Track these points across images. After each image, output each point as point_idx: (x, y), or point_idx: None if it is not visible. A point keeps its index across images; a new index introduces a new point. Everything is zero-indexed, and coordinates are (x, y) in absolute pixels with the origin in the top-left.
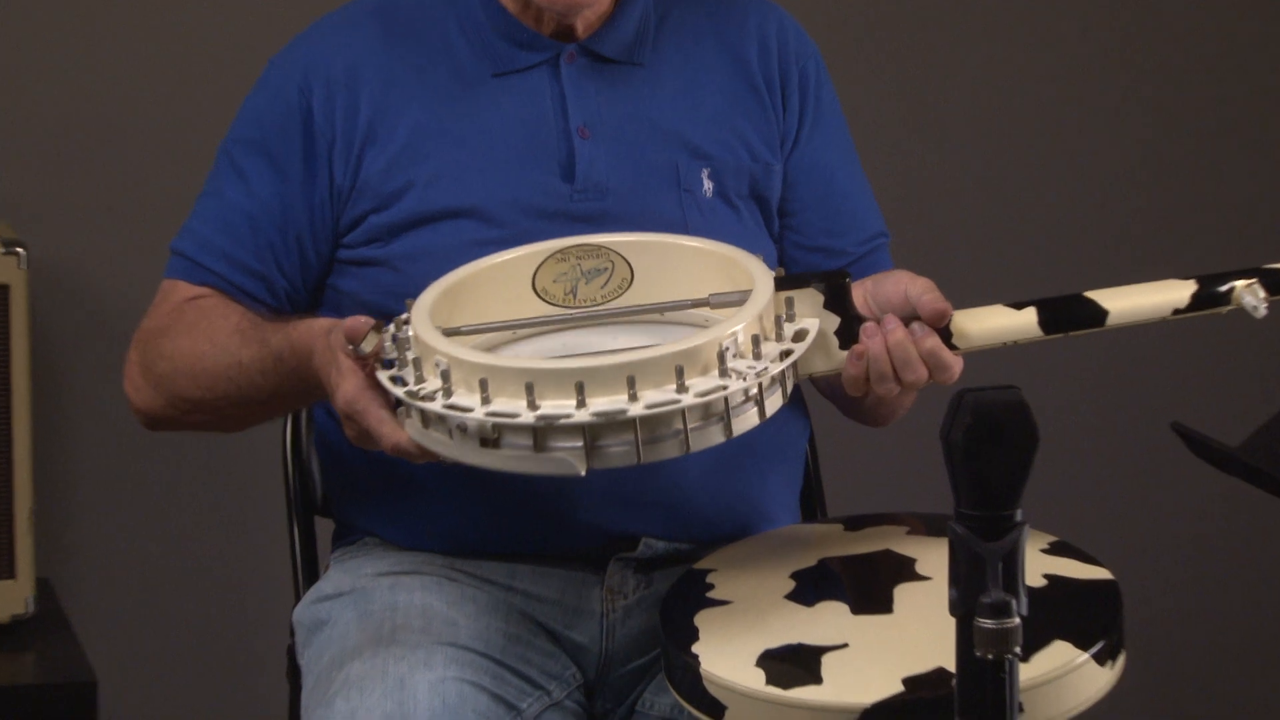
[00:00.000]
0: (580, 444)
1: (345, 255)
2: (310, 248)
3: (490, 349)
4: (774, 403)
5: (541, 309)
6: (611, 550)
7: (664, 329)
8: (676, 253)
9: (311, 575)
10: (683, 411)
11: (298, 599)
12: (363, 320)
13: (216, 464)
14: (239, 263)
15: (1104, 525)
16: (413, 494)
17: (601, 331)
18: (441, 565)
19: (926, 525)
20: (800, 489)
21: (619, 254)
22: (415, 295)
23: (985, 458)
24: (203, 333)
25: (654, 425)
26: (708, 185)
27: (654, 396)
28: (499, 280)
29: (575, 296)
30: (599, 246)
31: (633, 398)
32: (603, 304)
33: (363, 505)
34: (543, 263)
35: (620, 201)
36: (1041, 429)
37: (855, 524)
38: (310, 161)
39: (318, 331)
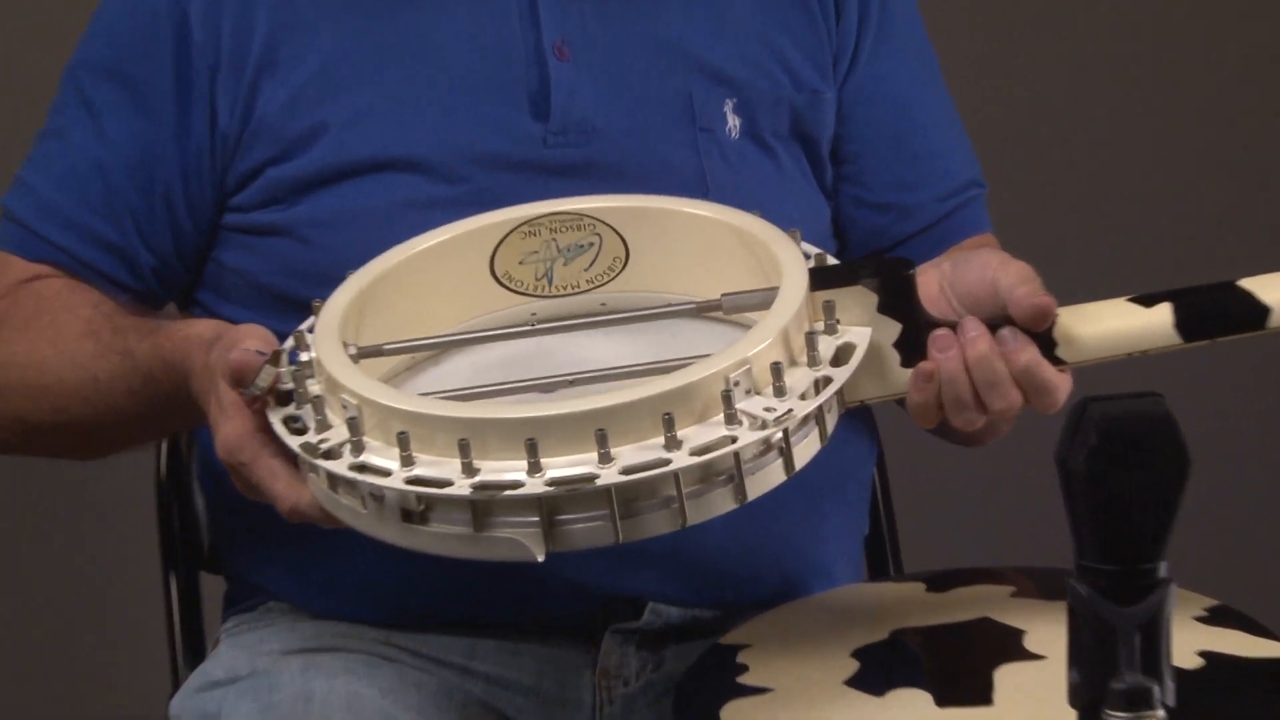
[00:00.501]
0: (536, 520)
1: (234, 221)
2: (184, 210)
3: (420, 367)
4: (806, 450)
5: (502, 300)
6: (607, 619)
7: (679, 329)
8: (685, 224)
9: (196, 653)
10: (674, 476)
11: (176, 686)
12: (252, 354)
13: (66, 500)
14: (89, 232)
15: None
16: (334, 542)
17: (585, 336)
18: (373, 640)
19: (1037, 584)
20: (865, 533)
21: (608, 225)
22: (329, 275)
23: (1118, 490)
24: (43, 332)
25: (635, 495)
26: (733, 122)
27: (634, 456)
28: (444, 262)
29: (550, 283)
30: (581, 215)
31: (605, 458)
32: (587, 290)
33: (265, 557)
34: (506, 237)
35: (611, 147)
36: (1192, 452)
37: (941, 583)
38: (184, 93)
39: (195, 343)
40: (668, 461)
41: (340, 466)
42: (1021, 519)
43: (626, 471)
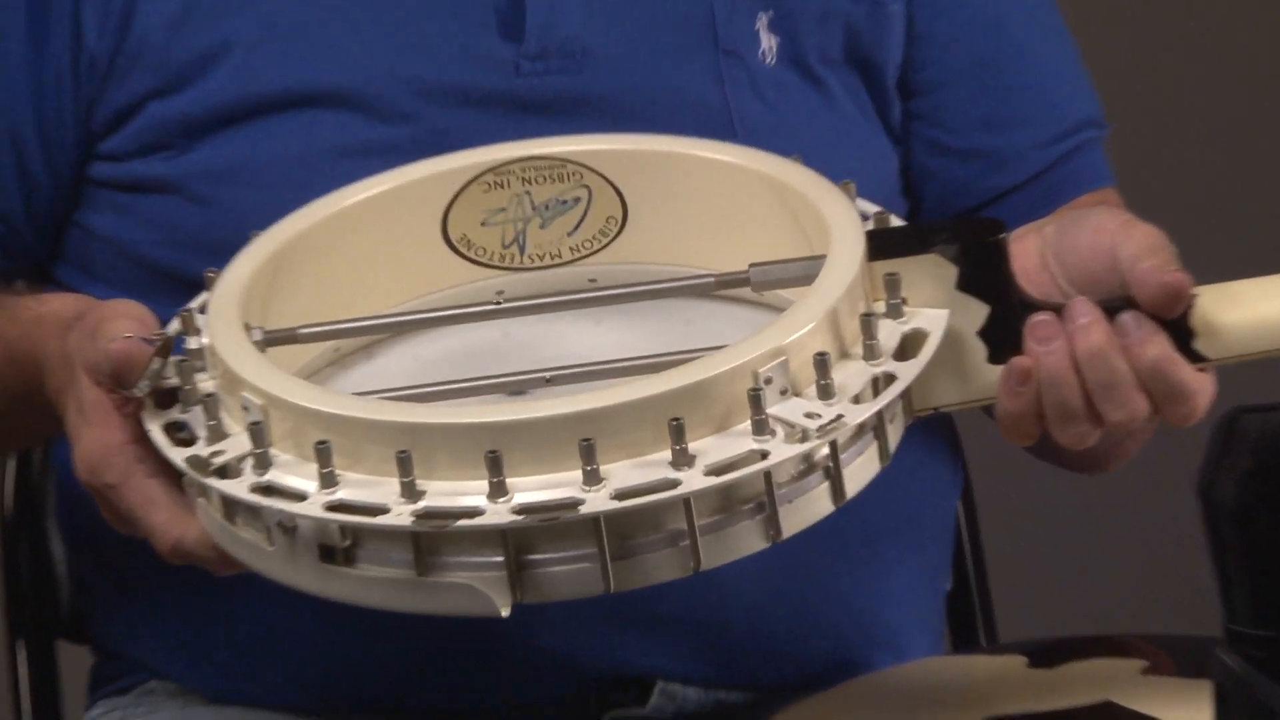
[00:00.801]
0: (499, 560)
1: (104, 173)
2: (38, 157)
3: (348, 359)
4: (862, 472)
5: (458, 273)
6: (602, 704)
7: (694, 313)
8: (702, 173)
9: None
10: (685, 502)
11: None
12: (138, 342)
13: None
14: None
15: None
16: (234, 595)
17: (568, 322)
18: None
19: (1173, 658)
20: (946, 590)
21: (599, 174)
22: (229, 244)
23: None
24: None
25: (632, 528)
26: (768, 43)
27: (630, 476)
28: (381, 222)
29: (522, 251)
30: (565, 160)
31: (591, 477)
32: (571, 260)
33: (143, 619)
34: (464, 189)
35: (606, 76)
36: None
37: (1047, 656)
38: (37, 6)
39: (51, 325)
40: (675, 483)
41: (239, 488)
42: (1152, 571)
43: (621, 496)
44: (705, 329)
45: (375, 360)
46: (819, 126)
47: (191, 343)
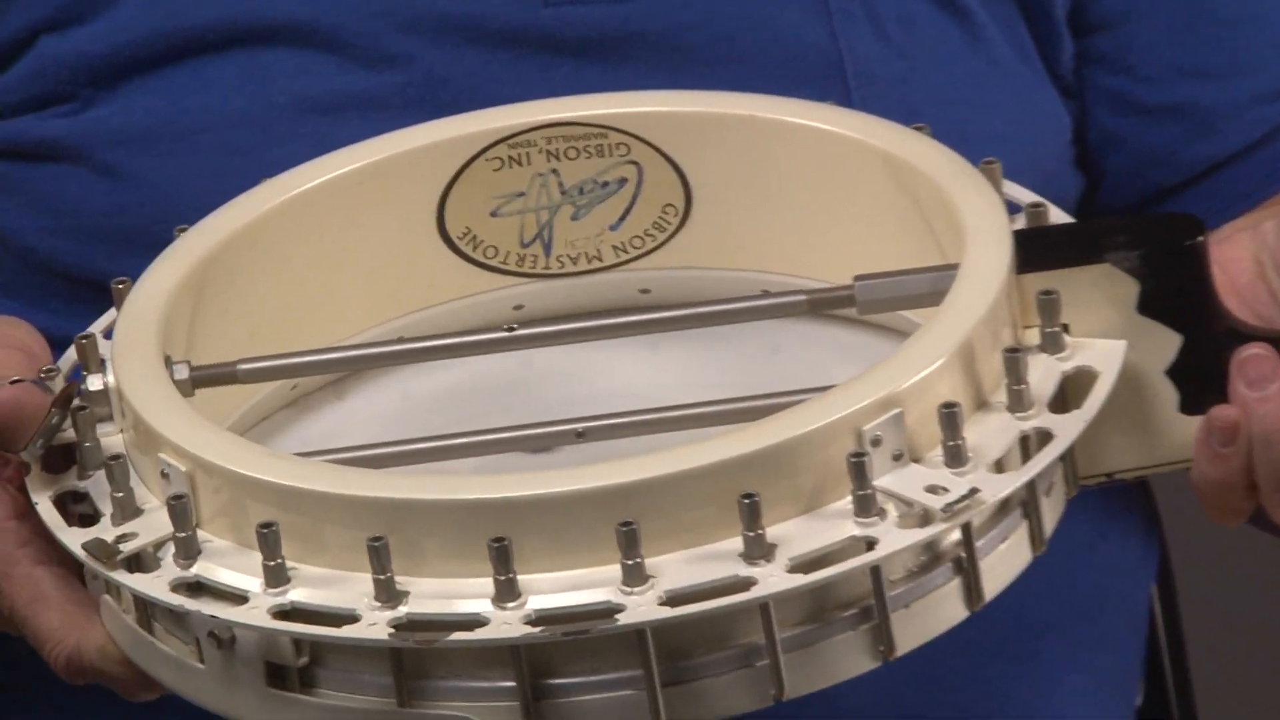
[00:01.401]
0: (510, 686)
1: None
2: None
3: (308, 402)
4: (1007, 564)
5: (461, 280)
6: None
7: (780, 340)
8: (793, 146)
9: None
10: (763, 610)
11: None
12: (32, 389)
13: None
14: None
15: None
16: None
17: (611, 349)
18: None
19: None
20: (1136, 703)
21: (653, 146)
22: (147, 234)
23: None
24: None
25: (690, 643)
26: None
27: (686, 572)
28: (355, 212)
29: (548, 250)
30: (606, 128)
31: (635, 573)
32: (615, 265)
33: None
34: (467, 165)
35: (667, 7)
36: None
37: None
38: None
39: None
40: (749, 582)
41: (157, 584)
42: None
43: (674, 600)
44: (797, 360)
45: (347, 400)
46: (961, 76)
47: (93, 382)
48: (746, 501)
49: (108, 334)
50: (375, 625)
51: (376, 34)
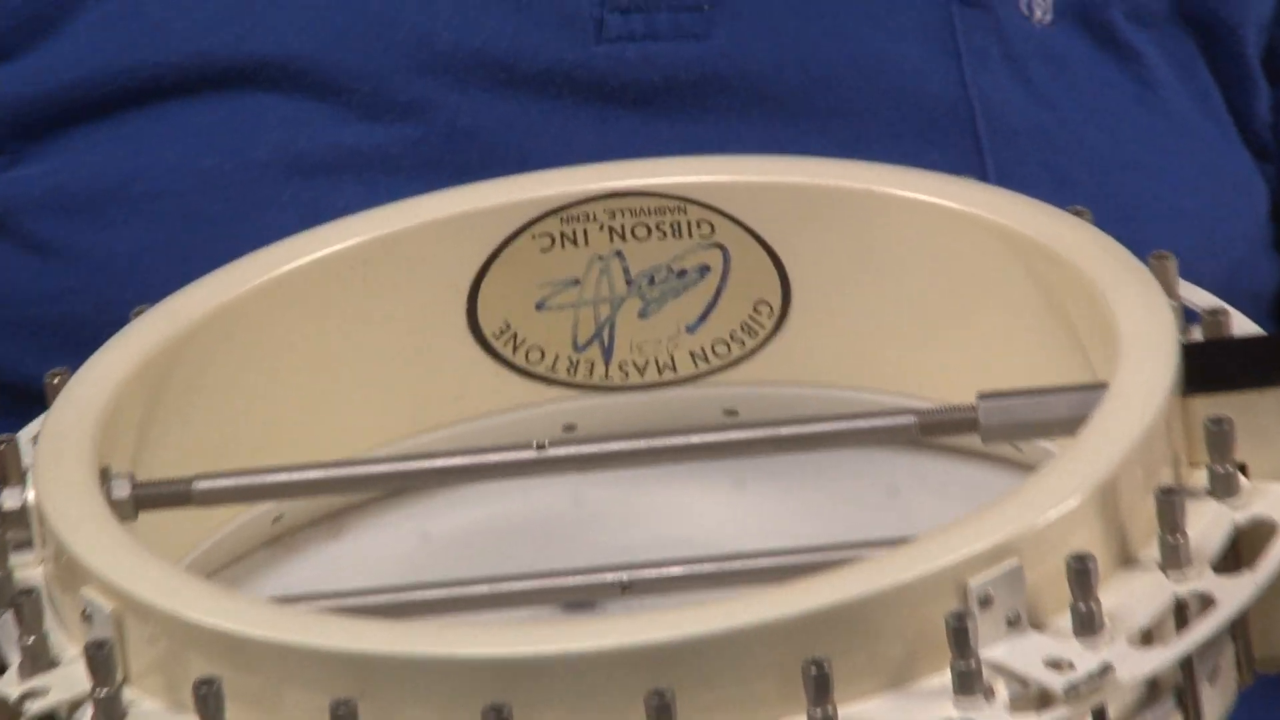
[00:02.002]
0: None
1: None
2: None
3: (292, 539)
4: None
5: (497, 389)
6: None
7: (883, 471)
8: (911, 226)
9: None
10: None
11: None
12: None
13: None
14: None
15: None
16: None
17: (684, 479)
18: None
19: None
20: None
21: (743, 225)
22: (92, 323)
23: None
24: None
25: None
26: None
27: None
28: (359, 296)
29: (608, 356)
30: (684, 199)
31: None
32: (694, 376)
33: None
34: (506, 244)
35: (758, 38)
36: None
37: None
38: None
39: None
40: None
41: None
42: None
43: None
44: (921, 507)
45: (345, 541)
46: (1126, 132)
47: (8, 498)
48: (814, 672)
49: (36, 439)
50: None
51: (385, 75)
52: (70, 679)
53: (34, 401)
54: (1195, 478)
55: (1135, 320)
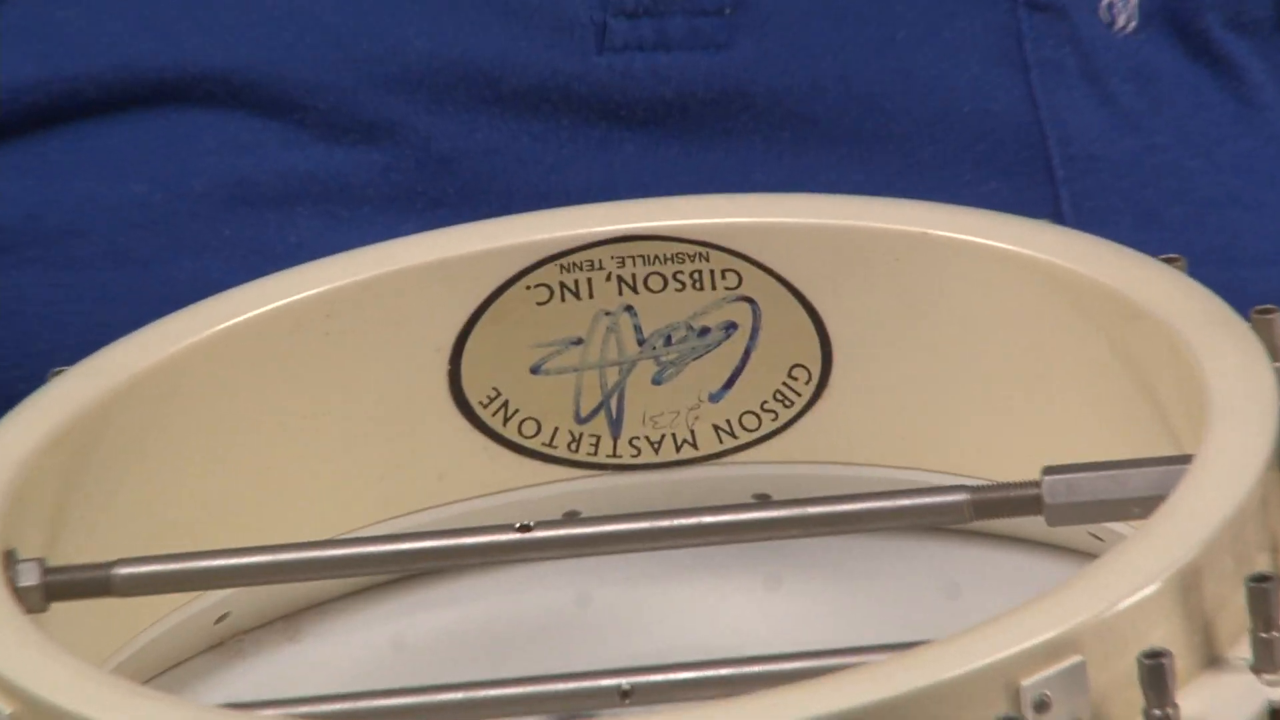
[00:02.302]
0: None
1: None
2: None
3: (242, 643)
4: None
5: (486, 468)
6: None
7: (936, 561)
8: (977, 277)
9: None
10: None
11: None
12: None
13: None
14: None
15: None
16: None
17: (707, 575)
18: None
19: None
20: None
21: (775, 274)
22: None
23: None
24: None
25: None
26: None
27: None
28: (321, 357)
29: (615, 429)
30: (705, 244)
31: None
32: (718, 455)
33: None
34: (495, 296)
35: (788, 51)
36: None
37: None
38: None
39: None
40: None
41: None
42: None
43: None
44: (983, 608)
45: (305, 644)
46: (1226, 160)
47: None
48: None
49: None
50: None
51: (346, 90)
52: None
53: None
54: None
55: (1229, 384)
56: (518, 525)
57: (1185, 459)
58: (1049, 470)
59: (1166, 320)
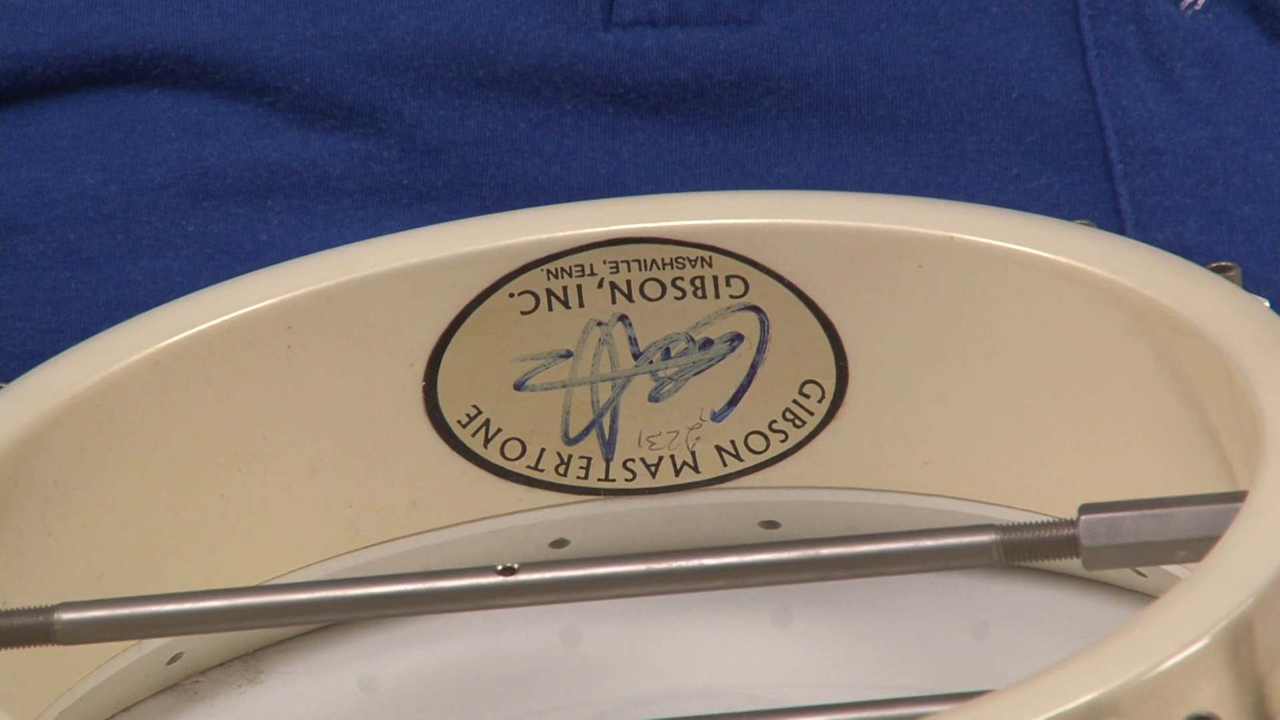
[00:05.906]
0: None
1: None
2: None
3: (208, 686)
4: None
5: (466, 495)
6: None
7: (965, 602)
8: (1010, 288)
9: None
10: None
11: None
12: None
13: None
14: None
15: None
16: None
17: (710, 613)
18: None
19: None
20: None
21: (786, 281)
22: None
23: None
24: None
25: None
26: None
27: None
28: (283, 371)
29: (608, 451)
30: (709, 248)
31: None
32: (721, 480)
33: None
34: (476, 303)
35: (816, 30)
36: None
37: None
38: None
39: None
40: None
41: None
42: None
43: None
44: (1011, 654)
45: (266, 687)
46: None
47: None
48: None
49: None
50: None
51: (322, 70)
52: None
53: None
54: None
55: None
56: (500, 567)
57: (1239, 496)
58: (1086, 509)
59: (1218, 340)
